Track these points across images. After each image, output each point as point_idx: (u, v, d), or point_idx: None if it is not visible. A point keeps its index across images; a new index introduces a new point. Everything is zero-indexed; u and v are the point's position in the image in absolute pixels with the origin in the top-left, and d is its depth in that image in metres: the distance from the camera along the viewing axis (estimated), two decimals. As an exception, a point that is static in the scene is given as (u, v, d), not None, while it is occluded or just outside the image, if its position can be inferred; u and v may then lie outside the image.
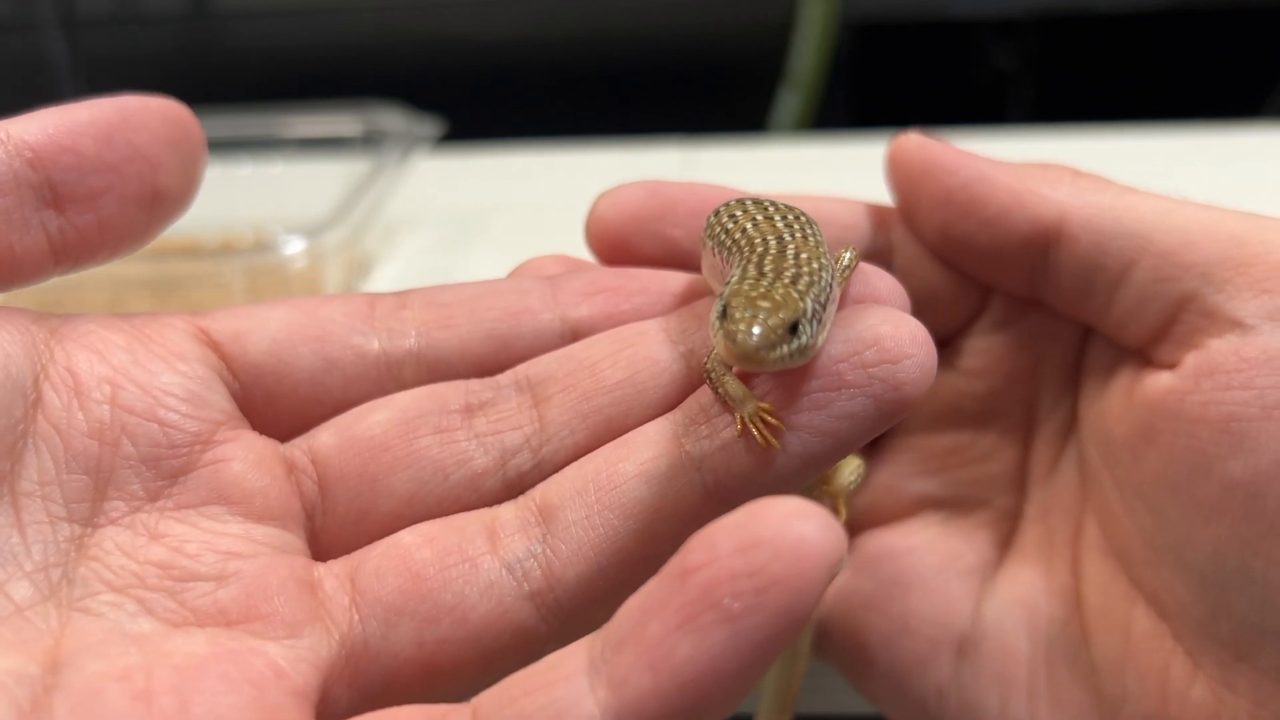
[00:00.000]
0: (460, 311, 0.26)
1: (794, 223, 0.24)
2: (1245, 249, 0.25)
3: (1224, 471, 0.24)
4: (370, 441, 0.24)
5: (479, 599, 0.22)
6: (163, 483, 0.23)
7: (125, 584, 0.22)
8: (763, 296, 0.21)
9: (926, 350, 0.22)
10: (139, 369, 0.24)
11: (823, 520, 0.17)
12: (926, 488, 0.31)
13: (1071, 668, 0.28)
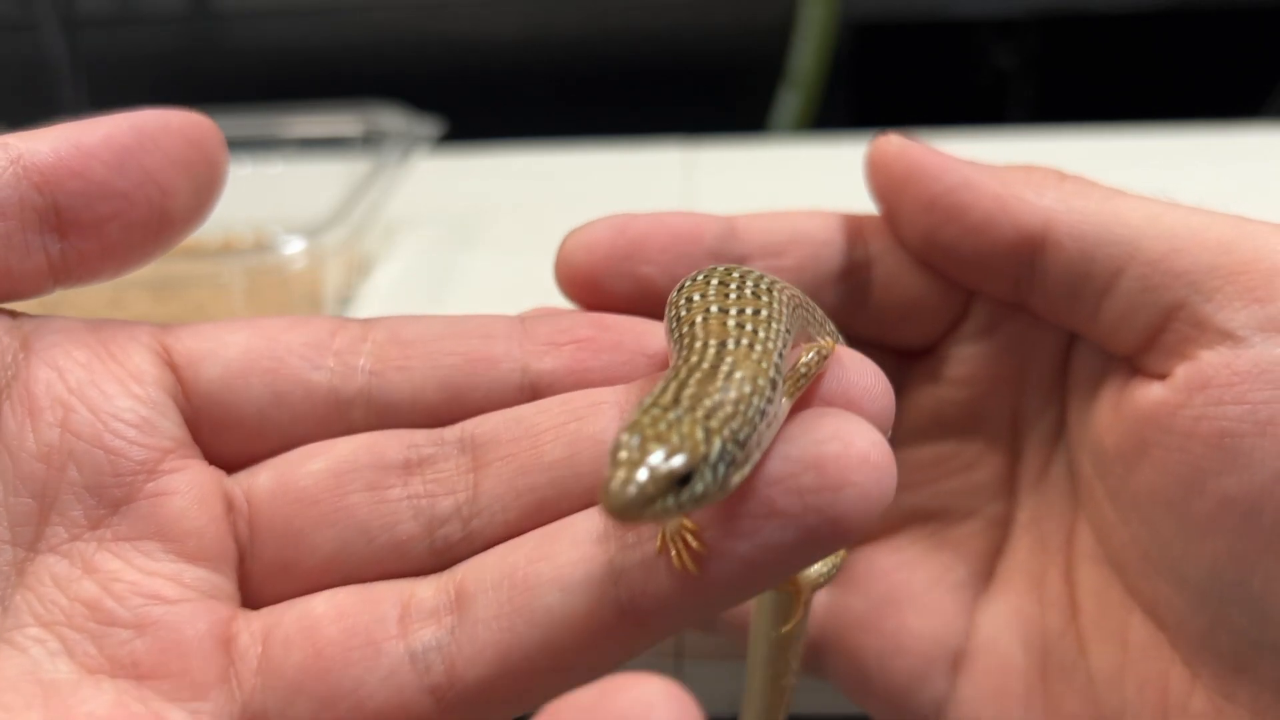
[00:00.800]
0: (419, 352, 0.25)
1: (752, 319, 0.21)
2: (1234, 256, 0.25)
3: (1219, 488, 0.24)
4: (301, 493, 0.24)
5: (378, 687, 0.22)
6: (104, 511, 0.23)
7: (53, 619, 0.22)
8: (658, 438, 0.19)
9: (878, 474, 0.19)
10: (94, 390, 0.23)
11: (674, 709, 0.16)
12: (913, 501, 0.31)
13: (1069, 679, 0.27)
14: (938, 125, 0.57)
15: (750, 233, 0.30)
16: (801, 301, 0.24)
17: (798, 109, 0.70)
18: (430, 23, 0.72)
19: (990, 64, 0.77)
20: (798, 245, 0.30)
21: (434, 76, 0.72)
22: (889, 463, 0.19)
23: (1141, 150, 0.56)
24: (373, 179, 0.52)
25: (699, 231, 0.29)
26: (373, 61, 0.74)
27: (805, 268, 0.30)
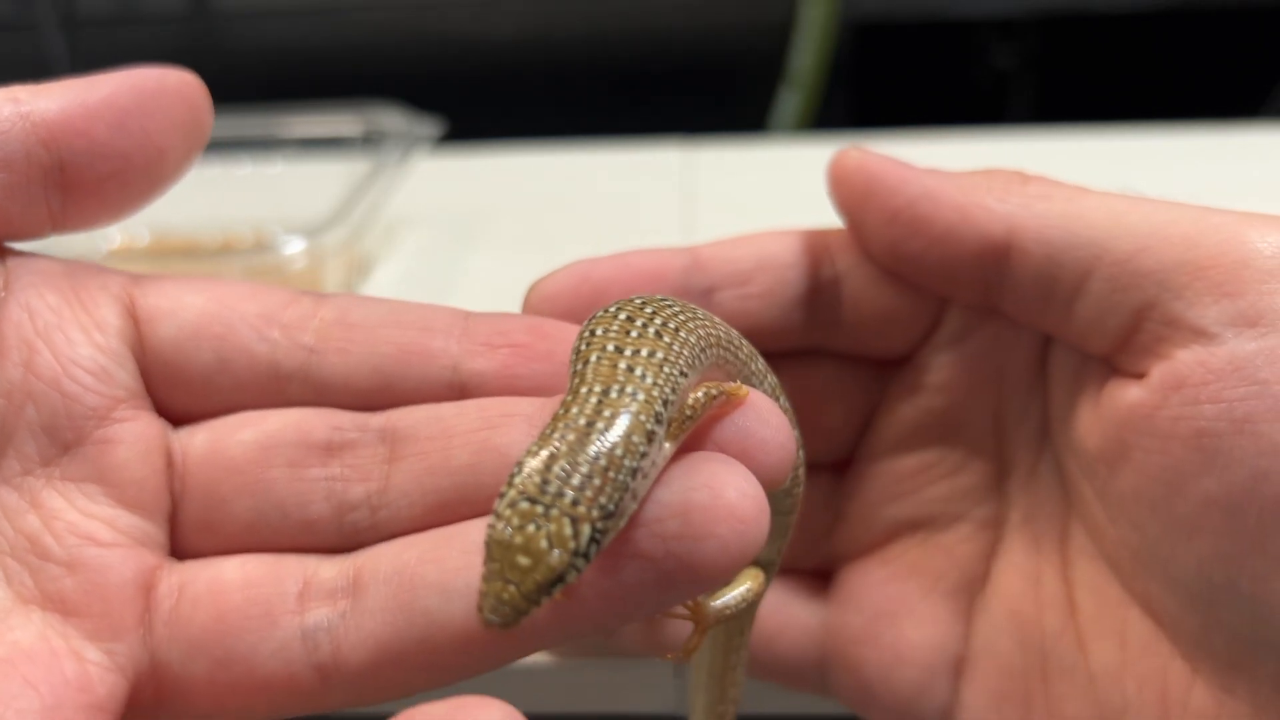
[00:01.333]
0: (359, 336, 0.25)
1: (645, 361, 0.21)
2: (1200, 250, 0.24)
3: (1200, 489, 0.24)
4: (229, 460, 0.25)
5: (269, 657, 0.23)
6: (55, 451, 0.25)
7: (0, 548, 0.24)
8: (526, 547, 0.19)
9: (743, 527, 0.20)
10: (59, 335, 0.25)
11: None
12: (900, 511, 0.31)
13: (1070, 679, 0.27)
14: (937, 125, 0.57)
15: (714, 263, 0.30)
16: (723, 341, 0.23)
17: (798, 109, 0.70)
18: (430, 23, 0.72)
19: (990, 64, 0.77)
20: (764, 271, 0.30)
21: (434, 76, 0.72)
22: (757, 515, 0.20)
23: (1141, 150, 0.56)
24: (373, 179, 0.52)
25: (663, 269, 0.29)
26: (373, 61, 0.74)
27: (774, 292, 0.30)
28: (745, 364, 0.24)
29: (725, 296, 0.30)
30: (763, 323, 0.30)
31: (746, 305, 0.30)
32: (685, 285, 0.29)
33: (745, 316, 0.30)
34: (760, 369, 0.25)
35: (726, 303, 0.30)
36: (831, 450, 0.32)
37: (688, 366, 0.21)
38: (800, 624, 0.31)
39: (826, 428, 0.31)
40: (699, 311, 0.23)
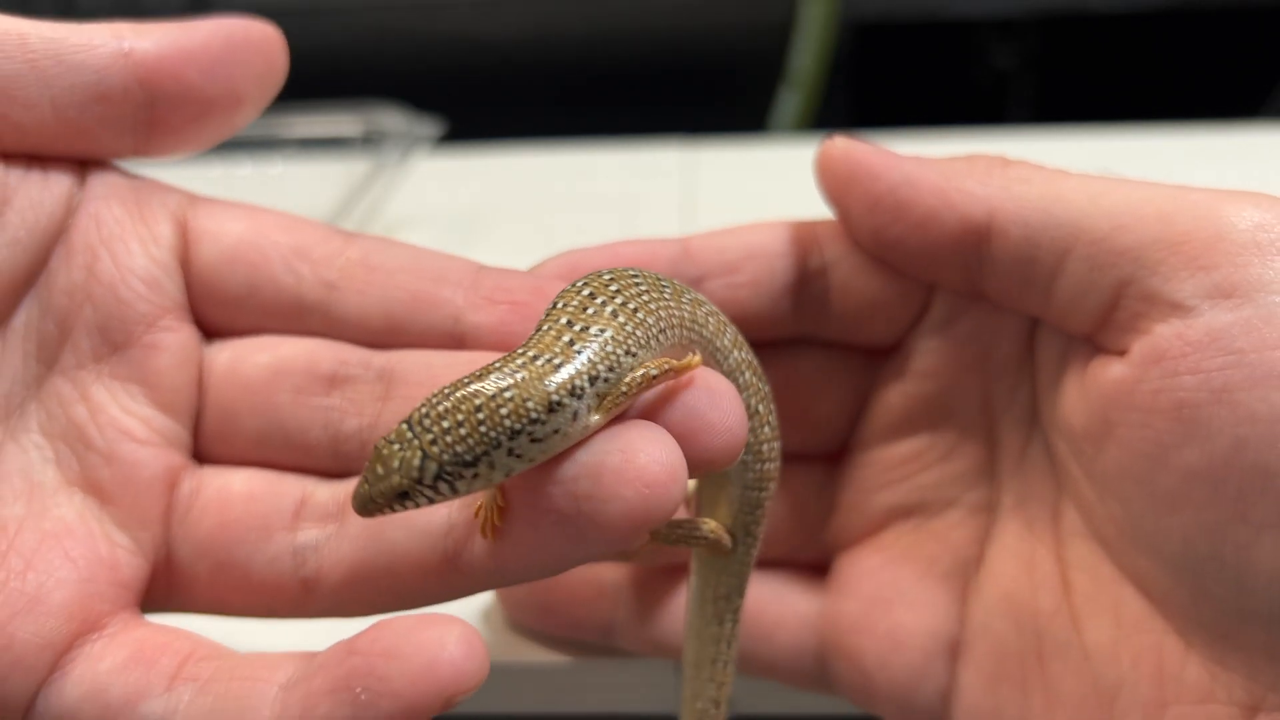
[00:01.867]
0: (378, 279, 0.27)
1: (585, 338, 0.22)
2: (1175, 227, 0.25)
3: (1181, 460, 0.24)
4: (245, 379, 0.27)
5: (262, 567, 0.26)
6: (106, 350, 0.27)
7: (51, 431, 0.27)
8: (383, 461, 0.22)
9: (649, 492, 0.21)
10: (119, 246, 0.27)
11: (461, 650, 0.21)
12: (892, 498, 0.31)
13: (1065, 657, 0.27)
14: (937, 126, 0.57)
15: (704, 253, 0.30)
16: (687, 322, 0.24)
17: (797, 109, 0.70)
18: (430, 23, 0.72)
19: (990, 64, 0.77)
20: (752, 260, 0.30)
21: (434, 76, 0.72)
22: (667, 481, 0.21)
23: (1141, 150, 0.56)
24: (373, 179, 0.52)
25: (652, 258, 0.30)
26: (372, 61, 0.74)
27: (761, 281, 0.30)
28: (711, 341, 0.25)
29: (714, 285, 0.30)
30: (751, 311, 0.30)
31: (735, 294, 0.30)
32: (674, 274, 0.30)
33: (734, 305, 0.30)
34: (738, 354, 0.26)
35: (715, 291, 0.30)
36: (823, 440, 0.32)
37: (638, 346, 0.22)
38: (798, 615, 0.32)
39: (817, 417, 0.32)
40: (671, 291, 0.24)
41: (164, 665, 0.24)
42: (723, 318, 0.26)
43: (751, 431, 0.26)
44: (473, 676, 0.21)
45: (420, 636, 0.21)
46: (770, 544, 0.32)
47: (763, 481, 0.27)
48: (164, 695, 0.23)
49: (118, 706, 0.23)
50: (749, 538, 0.28)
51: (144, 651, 0.24)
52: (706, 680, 0.30)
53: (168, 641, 0.24)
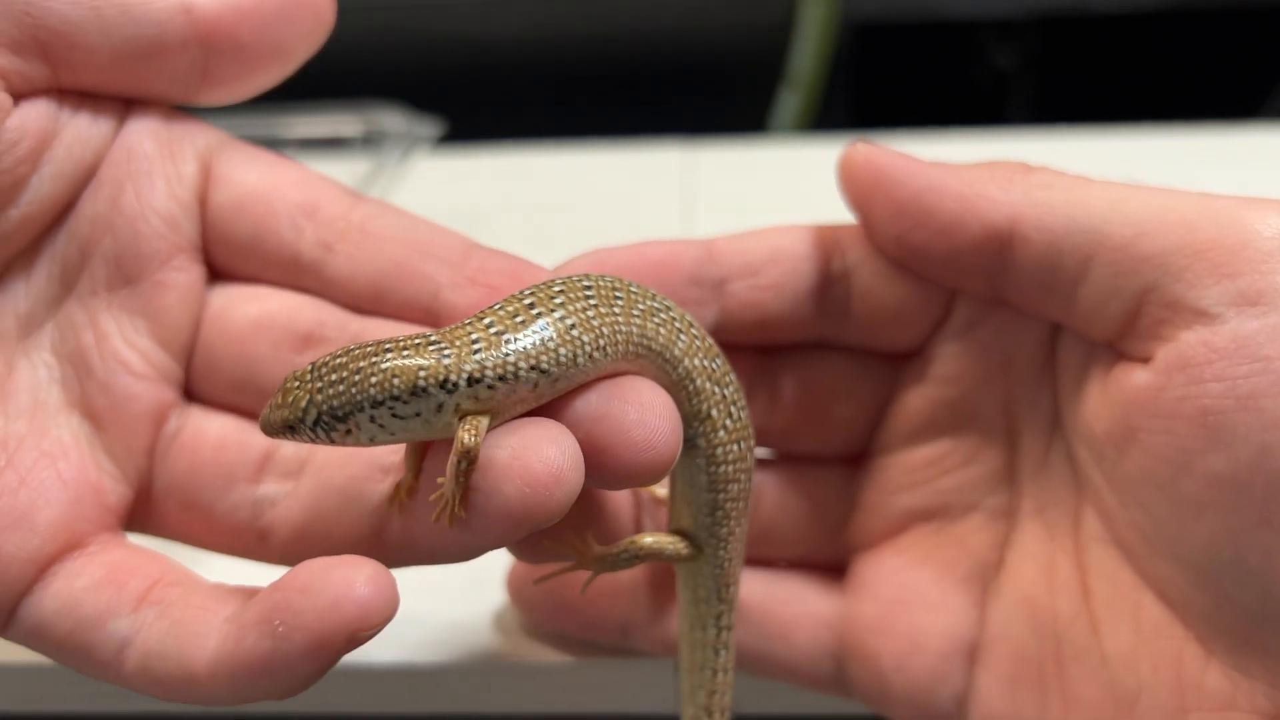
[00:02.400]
0: (370, 246, 0.28)
1: (522, 331, 0.23)
2: (1200, 234, 0.25)
3: (1206, 466, 0.24)
4: (230, 327, 0.29)
5: (223, 512, 0.27)
6: (119, 281, 0.28)
7: (61, 353, 0.28)
8: (283, 394, 0.24)
9: (532, 493, 0.22)
10: (145, 182, 0.28)
11: (369, 589, 0.22)
12: (913, 501, 0.31)
13: (1084, 663, 0.27)
14: (937, 126, 0.57)
15: (727, 254, 0.30)
16: (634, 338, 0.25)
17: (797, 110, 0.70)
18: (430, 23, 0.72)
19: (990, 64, 0.77)
20: (775, 263, 0.30)
21: (434, 77, 0.72)
22: (550, 486, 0.22)
23: (1141, 151, 0.57)
24: (373, 179, 0.52)
25: (676, 259, 0.30)
26: (373, 62, 0.74)
27: (785, 284, 0.30)
28: (660, 354, 0.25)
29: (737, 287, 0.30)
30: (774, 314, 0.30)
31: (758, 296, 0.30)
32: (698, 275, 0.30)
33: (757, 307, 0.30)
34: (691, 362, 0.26)
35: (739, 293, 0.30)
36: (843, 443, 0.32)
37: (555, 364, 0.23)
38: (815, 616, 0.31)
39: (838, 420, 0.32)
40: (624, 303, 0.25)
41: (133, 587, 0.25)
42: (680, 325, 0.26)
43: (703, 436, 0.26)
44: (379, 614, 0.22)
45: (332, 575, 0.22)
46: (788, 545, 0.32)
47: (720, 483, 0.27)
48: (130, 615, 0.25)
49: (89, 622, 0.25)
50: (714, 540, 0.28)
51: (117, 573, 0.26)
52: (696, 687, 0.29)
53: (140, 565, 0.26)
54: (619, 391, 0.24)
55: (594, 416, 0.24)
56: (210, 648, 0.23)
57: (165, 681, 0.24)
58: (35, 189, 0.27)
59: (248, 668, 0.23)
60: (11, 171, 0.26)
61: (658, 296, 0.26)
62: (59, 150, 0.27)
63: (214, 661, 0.23)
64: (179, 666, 0.24)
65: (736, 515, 0.28)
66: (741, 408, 0.27)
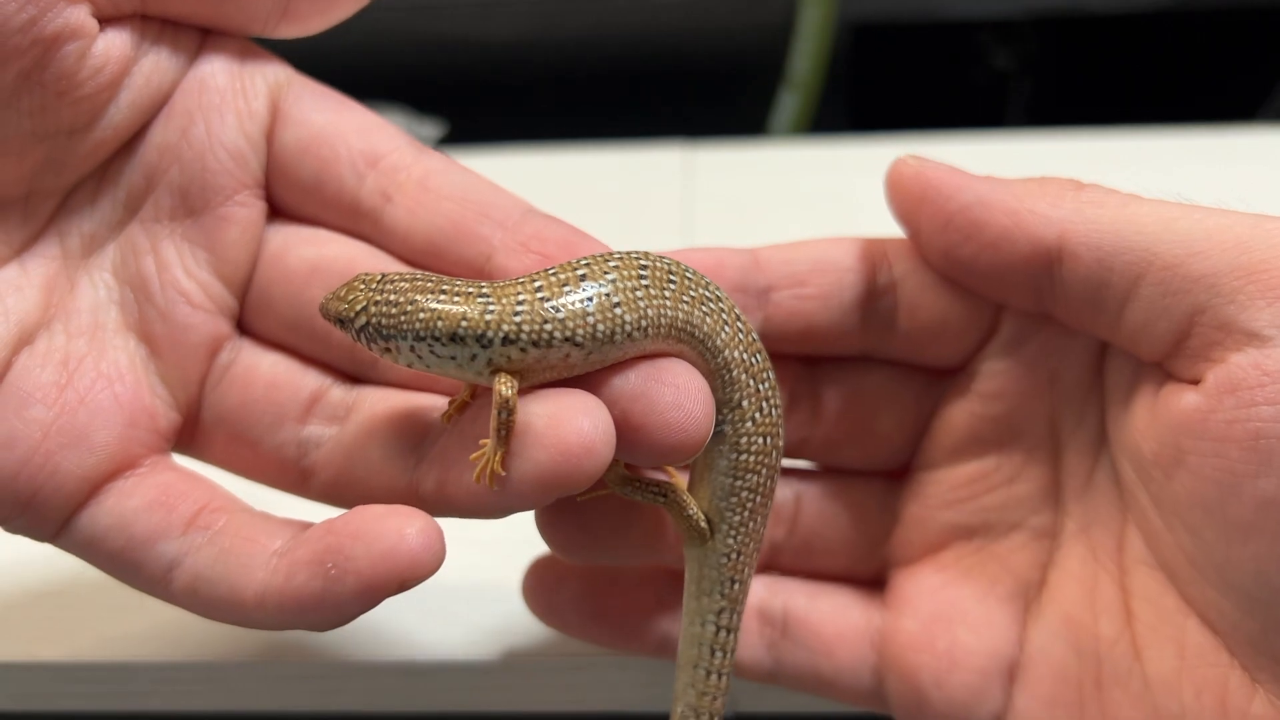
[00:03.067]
0: (428, 201, 0.29)
1: (540, 300, 0.24)
2: (1253, 255, 0.25)
3: (1256, 490, 0.24)
4: (287, 268, 0.29)
5: (270, 447, 0.28)
6: (183, 211, 0.28)
7: (122, 275, 0.28)
8: (346, 290, 0.25)
9: (564, 461, 0.23)
10: (215, 116, 0.28)
11: (420, 541, 0.23)
12: (955, 518, 0.31)
13: (1125, 686, 0.27)
14: (936, 128, 0.57)
15: (773, 263, 0.31)
16: (679, 323, 0.26)
17: (796, 111, 0.70)
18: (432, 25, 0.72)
19: (988, 65, 0.77)
20: (820, 274, 0.30)
21: (436, 78, 0.72)
22: (581, 456, 0.23)
23: (1139, 152, 0.57)
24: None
25: (721, 265, 0.30)
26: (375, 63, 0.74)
27: (830, 294, 0.30)
28: (703, 342, 0.26)
29: (782, 296, 0.30)
30: (818, 324, 0.30)
31: (803, 305, 0.30)
32: (743, 283, 0.30)
33: (801, 316, 0.30)
34: (731, 354, 0.27)
35: (783, 302, 0.30)
36: (886, 457, 0.32)
37: (590, 338, 0.24)
38: (858, 631, 0.31)
39: (881, 434, 0.32)
40: (676, 288, 0.26)
41: (183, 510, 0.26)
42: (727, 317, 0.26)
43: (730, 424, 0.27)
44: (428, 565, 0.24)
45: (385, 524, 0.24)
46: (831, 557, 0.32)
47: (740, 471, 0.27)
48: (179, 538, 0.26)
49: (140, 540, 0.26)
50: (725, 525, 0.28)
51: (167, 495, 0.27)
52: (687, 685, 0.29)
53: (188, 489, 0.27)
54: (658, 373, 0.25)
55: (631, 395, 0.25)
56: (259, 579, 0.25)
57: (212, 604, 0.25)
58: (111, 115, 0.27)
59: (297, 602, 0.24)
60: (92, 97, 0.26)
61: (711, 286, 0.26)
62: (137, 78, 0.27)
63: (262, 592, 0.25)
64: (229, 592, 0.25)
65: (752, 508, 0.28)
66: (775, 405, 0.27)
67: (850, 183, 0.54)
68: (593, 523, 0.29)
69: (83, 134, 0.27)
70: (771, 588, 0.32)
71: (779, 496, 0.32)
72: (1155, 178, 0.27)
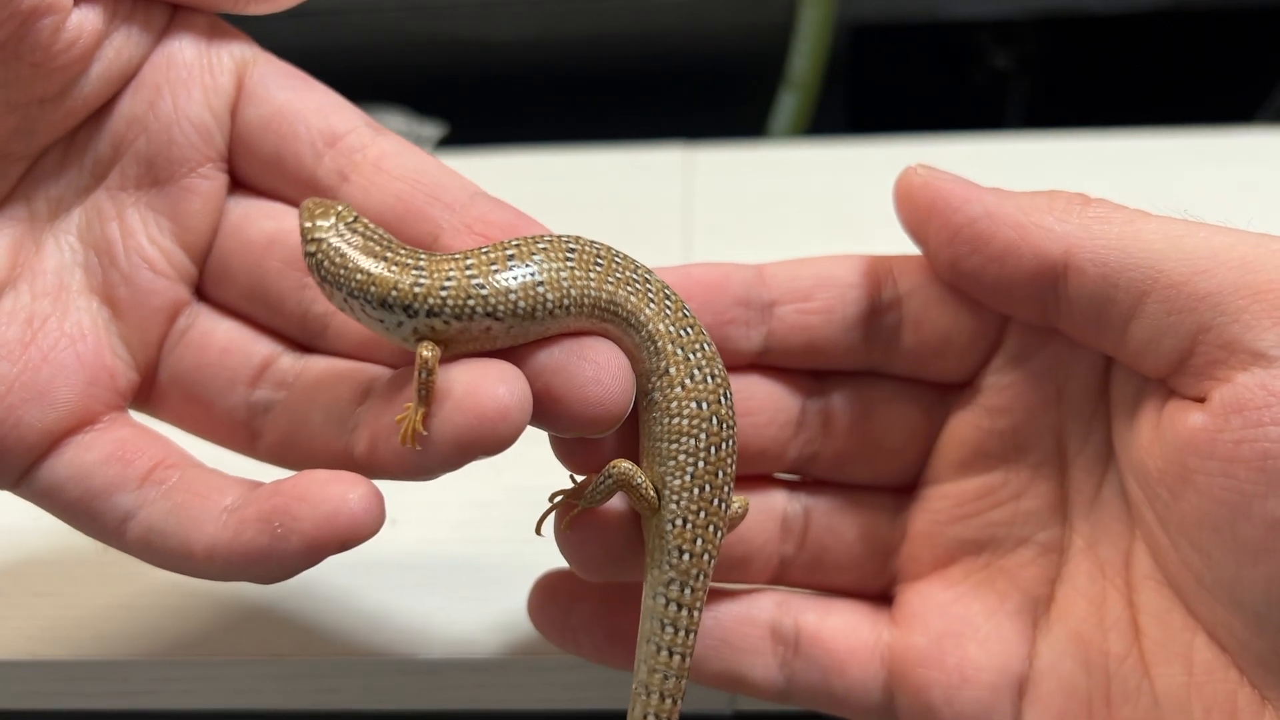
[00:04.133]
0: (381, 182, 0.30)
1: (467, 276, 0.26)
2: (1259, 275, 0.25)
3: (1265, 510, 0.24)
4: (247, 239, 0.30)
5: (222, 409, 0.30)
6: (148, 181, 0.30)
7: (86, 239, 0.29)
8: (324, 212, 0.27)
9: (480, 425, 0.25)
10: (182, 90, 0.29)
11: (361, 505, 0.25)
12: (963, 533, 0.31)
13: (1133, 703, 0.27)
14: (935, 129, 0.57)
15: (778, 279, 0.31)
16: (602, 303, 0.27)
17: (795, 112, 0.70)
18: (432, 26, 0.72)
19: (988, 66, 0.77)
20: (824, 289, 0.31)
21: (436, 79, 0.72)
22: (496, 422, 0.25)
23: (1138, 153, 0.57)
24: (375, 181, 0.52)
25: (726, 280, 0.31)
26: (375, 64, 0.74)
27: (833, 309, 0.31)
28: (626, 320, 0.28)
29: (786, 311, 0.31)
30: (823, 338, 0.31)
31: (807, 320, 0.31)
32: (747, 297, 0.31)
33: (805, 331, 0.31)
34: (657, 326, 0.28)
35: (786, 316, 0.31)
36: (894, 472, 0.32)
37: (510, 314, 0.26)
38: (867, 648, 0.31)
39: (890, 450, 0.32)
40: (602, 269, 0.27)
41: (139, 465, 0.28)
42: (654, 296, 0.28)
43: (659, 390, 0.28)
44: (368, 528, 0.25)
45: (329, 489, 0.25)
46: (840, 572, 0.32)
47: (673, 434, 0.28)
48: (135, 491, 0.27)
49: (97, 491, 0.27)
50: (668, 491, 0.28)
51: (125, 450, 0.28)
52: (640, 661, 0.29)
53: (145, 445, 0.28)
54: (580, 350, 0.26)
55: (554, 369, 0.26)
56: (209, 533, 0.26)
57: (164, 554, 0.27)
58: (81, 86, 0.28)
59: (245, 557, 0.26)
60: (65, 69, 0.27)
61: (640, 269, 0.28)
62: (108, 51, 0.28)
63: (212, 546, 0.26)
64: (180, 545, 0.26)
65: (693, 473, 0.28)
66: (710, 375, 0.28)
67: (850, 183, 0.54)
68: (613, 539, 0.29)
69: (54, 103, 0.28)
70: (782, 605, 0.32)
71: (788, 512, 0.32)
72: (1154, 179, 0.27)
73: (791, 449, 0.31)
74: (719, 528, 0.29)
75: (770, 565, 0.32)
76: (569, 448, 0.29)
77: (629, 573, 0.30)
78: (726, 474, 0.29)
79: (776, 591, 0.32)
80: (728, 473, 0.29)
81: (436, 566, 0.28)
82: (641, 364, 0.28)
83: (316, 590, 0.38)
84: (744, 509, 0.30)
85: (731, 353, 0.31)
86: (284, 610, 0.37)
